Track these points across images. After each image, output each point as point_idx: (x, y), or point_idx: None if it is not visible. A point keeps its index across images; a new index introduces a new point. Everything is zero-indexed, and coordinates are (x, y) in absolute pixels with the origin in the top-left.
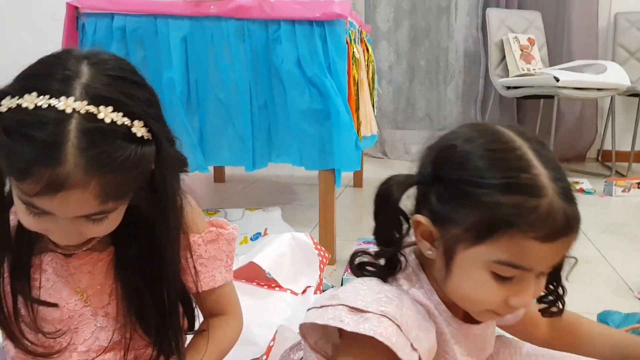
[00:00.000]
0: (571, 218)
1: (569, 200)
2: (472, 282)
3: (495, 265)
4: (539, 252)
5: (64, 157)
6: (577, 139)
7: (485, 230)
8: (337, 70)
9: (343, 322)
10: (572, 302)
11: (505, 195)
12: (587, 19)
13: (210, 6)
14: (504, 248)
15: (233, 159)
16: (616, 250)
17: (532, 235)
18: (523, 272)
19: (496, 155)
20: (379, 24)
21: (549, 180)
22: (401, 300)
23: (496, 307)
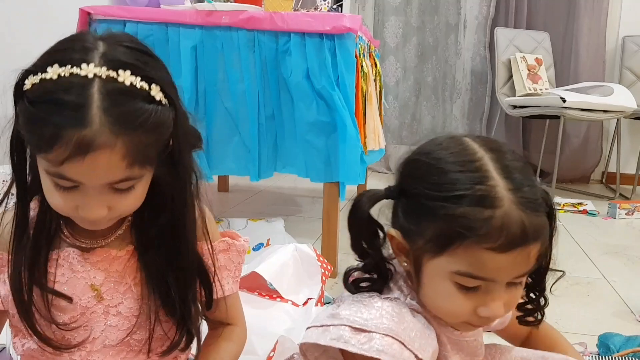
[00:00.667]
0: (529, 228)
1: (530, 210)
2: (440, 294)
3: (456, 276)
4: (495, 263)
5: (90, 118)
6: (582, 160)
7: (443, 242)
8: (345, 84)
9: (347, 344)
10: (574, 323)
11: (460, 207)
12: (595, 41)
13: (221, 16)
14: (462, 259)
15: (238, 168)
16: (618, 272)
17: (485, 246)
18: (487, 283)
19: (454, 168)
20: (387, 40)
21: (507, 191)
22: (401, 314)
23: (468, 318)
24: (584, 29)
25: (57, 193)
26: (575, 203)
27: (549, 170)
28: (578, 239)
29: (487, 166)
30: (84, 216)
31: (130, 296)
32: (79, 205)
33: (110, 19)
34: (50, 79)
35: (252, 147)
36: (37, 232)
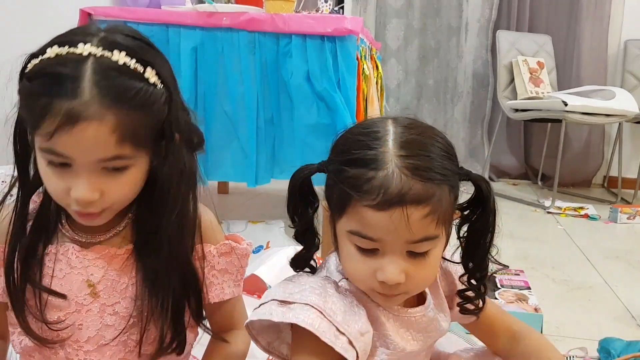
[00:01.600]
0: (408, 190)
1: (415, 176)
2: (345, 257)
3: (351, 236)
4: (375, 221)
5: (81, 90)
6: (584, 164)
7: (340, 203)
8: (346, 86)
9: (272, 315)
10: (574, 327)
11: (351, 169)
12: (597, 45)
13: (222, 17)
14: (352, 218)
15: (235, 174)
16: (620, 277)
17: (365, 203)
18: (382, 244)
19: (355, 137)
20: (389, 42)
21: (395, 156)
22: (325, 289)
23: (371, 283)
24: (586, 33)
25: (51, 173)
26: (576, 207)
27: (550, 174)
28: (579, 243)
29: (387, 137)
30: (76, 197)
31: (128, 295)
32: (71, 187)
33: (110, 20)
34: (48, 58)
35: (250, 153)
36: (36, 225)
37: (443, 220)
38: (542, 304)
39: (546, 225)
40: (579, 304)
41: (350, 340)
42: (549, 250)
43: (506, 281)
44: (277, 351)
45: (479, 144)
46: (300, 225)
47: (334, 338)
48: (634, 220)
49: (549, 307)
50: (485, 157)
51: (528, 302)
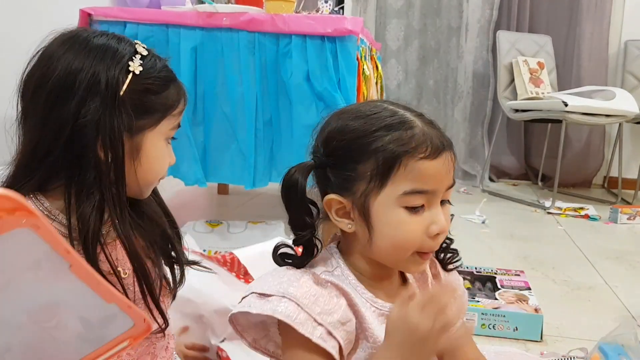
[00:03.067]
0: (443, 137)
1: (436, 128)
2: (393, 226)
3: (404, 197)
4: (432, 170)
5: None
6: (584, 165)
7: (384, 171)
8: (346, 87)
9: (250, 307)
10: (575, 329)
11: (386, 135)
12: (597, 45)
13: (222, 18)
14: (404, 178)
15: (233, 176)
16: (620, 278)
17: (419, 156)
18: (429, 197)
19: (366, 112)
20: (389, 42)
21: (413, 116)
22: (301, 280)
23: (421, 243)
24: (586, 33)
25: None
26: (576, 208)
27: (550, 175)
28: (579, 243)
29: (389, 107)
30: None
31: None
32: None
33: (110, 20)
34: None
35: (248, 155)
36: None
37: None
38: (543, 304)
39: (546, 225)
40: (579, 304)
41: (330, 331)
42: (549, 251)
43: (506, 282)
44: (264, 348)
45: (479, 144)
46: (311, 232)
47: (311, 329)
48: (634, 221)
49: (549, 308)
50: (485, 158)
51: (528, 302)
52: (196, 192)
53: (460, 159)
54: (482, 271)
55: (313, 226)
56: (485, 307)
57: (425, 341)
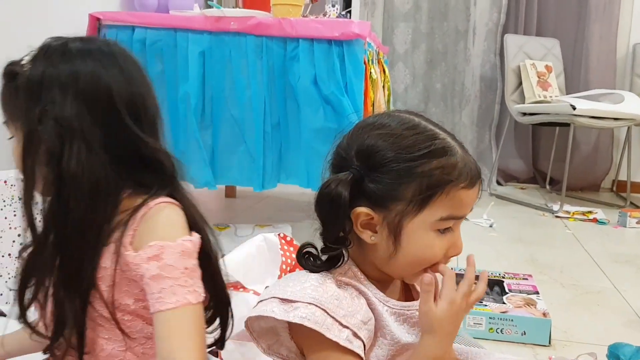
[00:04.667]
0: (475, 164)
1: (467, 152)
2: (421, 247)
3: (438, 222)
4: (469, 198)
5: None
6: (592, 168)
7: (426, 196)
8: (353, 90)
9: (274, 312)
10: (583, 332)
11: (432, 161)
12: (605, 48)
13: (230, 22)
14: (444, 205)
15: (242, 179)
16: (629, 281)
17: (461, 185)
18: (456, 222)
19: (408, 133)
20: (396, 46)
21: (451, 139)
22: (325, 285)
23: (438, 260)
24: (595, 36)
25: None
26: (585, 211)
27: (558, 178)
28: (588, 247)
29: (428, 126)
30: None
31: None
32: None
33: (119, 25)
34: None
35: (257, 157)
36: None
37: None
38: (551, 308)
39: (554, 229)
40: (587, 308)
41: (355, 332)
42: (557, 255)
43: (514, 286)
44: (278, 353)
45: (487, 148)
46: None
47: (338, 332)
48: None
49: (558, 312)
50: (493, 161)
51: (536, 306)
52: (204, 195)
53: None
54: (490, 275)
55: (346, 240)
56: (493, 311)
57: (462, 319)
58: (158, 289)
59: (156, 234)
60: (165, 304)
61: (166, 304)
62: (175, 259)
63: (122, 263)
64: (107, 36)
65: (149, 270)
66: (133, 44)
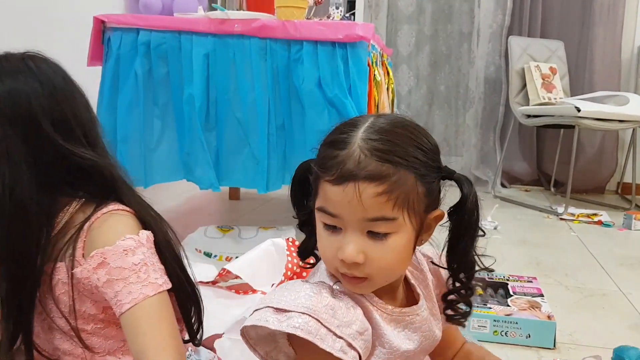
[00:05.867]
0: (363, 168)
1: (374, 157)
2: (317, 237)
3: (318, 213)
4: (334, 195)
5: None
6: (597, 171)
7: (314, 183)
8: (357, 92)
9: (268, 322)
10: (588, 335)
11: (323, 150)
12: (610, 50)
13: (234, 24)
14: (319, 195)
15: (247, 181)
16: (634, 284)
17: (326, 178)
18: (341, 222)
19: (338, 126)
20: (400, 48)
21: (361, 139)
22: (320, 294)
23: (336, 266)
24: (599, 38)
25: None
26: (590, 214)
27: (563, 181)
28: (593, 250)
29: (363, 124)
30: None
31: None
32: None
33: (123, 27)
34: None
35: (261, 159)
36: None
37: (403, 205)
38: (555, 311)
39: (559, 231)
40: (592, 311)
41: (350, 342)
42: (562, 257)
43: (519, 288)
44: (276, 359)
45: (491, 150)
46: (302, 215)
47: (331, 342)
48: None
49: (562, 315)
50: (497, 164)
51: (541, 309)
52: (208, 197)
53: (472, 164)
54: (495, 277)
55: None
56: (497, 314)
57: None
58: (113, 294)
59: (98, 243)
60: (124, 305)
61: (125, 305)
62: (119, 260)
63: (75, 278)
64: (111, 39)
65: (99, 279)
66: (138, 46)
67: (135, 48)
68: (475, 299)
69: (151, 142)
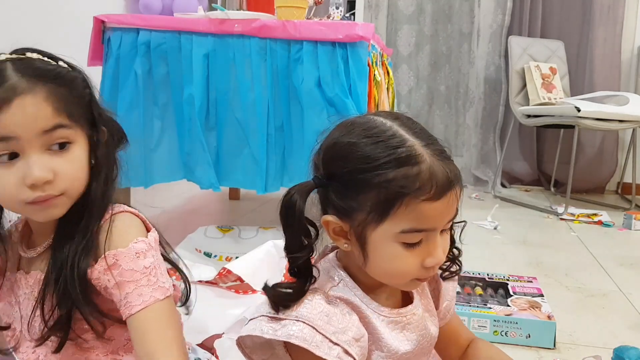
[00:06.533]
0: (451, 173)
1: (445, 159)
2: (388, 258)
3: (402, 235)
4: (433, 211)
5: (7, 76)
6: (597, 171)
7: (384, 207)
8: (357, 92)
9: (262, 331)
10: (588, 335)
11: (391, 171)
12: (610, 50)
13: (234, 24)
14: (404, 217)
15: (246, 181)
16: (634, 284)
17: (422, 198)
18: (428, 234)
19: (373, 139)
20: (400, 48)
21: (422, 147)
22: (313, 301)
23: (417, 273)
24: (599, 38)
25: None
26: (590, 214)
27: (563, 181)
28: (593, 250)
29: (399, 131)
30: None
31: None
32: (25, 174)
33: (123, 27)
34: None
35: (260, 160)
36: None
37: None
38: (556, 311)
39: (559, 231)
40: (592, 311)
41: (346, 349)
42: (562, 257)
43: (519, 288)
44: None
45: (491, 150)
46: (305, 253)
47: (327, 350)
48: None
49: (563, 315)
50: (497, 164)
51: (541, 309)
52: (208, 197)
53: (472, 164)
54: (494, 277)
55: (310, 248)
56: (497, 314)
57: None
58: (123, 295)
59: (109, 244)
60: (134, 307)
61: (134, 307)
62: (132, 262)
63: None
64: (111, 39)
65: (109, 280)
66: (138, 46)
67: (135, 48)
68: (476, 299)
69: (151, 142)
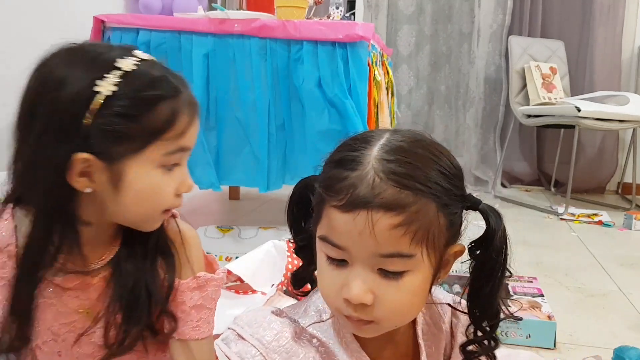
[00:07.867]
0: (377, 194)
1: (391, 181)
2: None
3: (320, 243)
4: (340, 223)
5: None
6: (597, 171)
7: (317, 207)
8: (357, 92)
9: (229, 345)
10: (588, 336)
11: (330, 169)
12: (610, 50)
13: (234, 24)
14: (323, 222)
15: (247, 179)
16: (634, 285)
17: (332, 203)
18: (348, 255)
19: (348, 141)
20: (400, 48)
21: (376, 159)
22: (282, 333)
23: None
24: (599, 38)
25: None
26: (590, 214)
27: (563, 181)
28: (593, 250)
29: (377, 141)
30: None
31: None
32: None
33: (123, 27)
34: None
35: (262, 158)
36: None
37: (422, 239)
38: (556, 311)
39: (559, 231)
40: (593, 311)
41: None
42: (562, 257)
43: (519, 288)
44: None
45: (491, 150)
46: (300, 240)
47: None
48: None
49: (563, 315)
50: (497, 164)
51: (541, 309)
52: (208, 197)
53: (472, 164)
54: None
55: (308, 231)
56: None
57: None
58: (197, 318)
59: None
60: (202, 332)
61: (202, 333)
62: (215, 291)
63: None
64: (111, 38)
65: (192, 299)
66: (137, 46)
67: None
68: None
69: None
